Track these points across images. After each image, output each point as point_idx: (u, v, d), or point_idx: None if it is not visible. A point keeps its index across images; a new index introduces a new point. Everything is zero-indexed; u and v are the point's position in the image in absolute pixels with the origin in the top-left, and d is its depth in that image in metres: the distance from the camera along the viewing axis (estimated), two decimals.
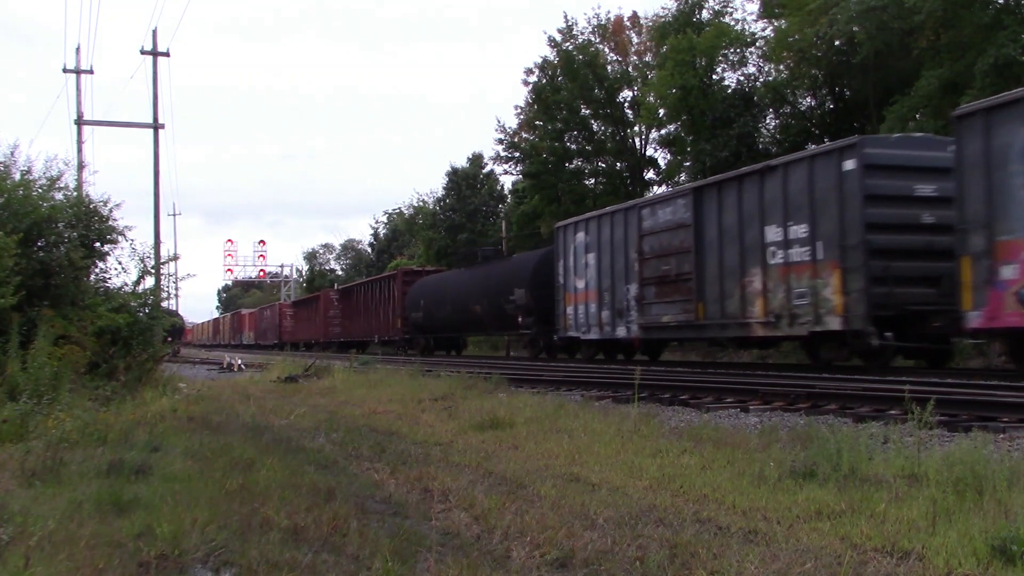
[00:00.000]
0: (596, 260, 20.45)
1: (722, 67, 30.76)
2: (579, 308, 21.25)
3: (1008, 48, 18.19)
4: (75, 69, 27.57)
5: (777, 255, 14.75)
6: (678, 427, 7.88)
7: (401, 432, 8.46)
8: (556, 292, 22.50)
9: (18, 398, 8.48)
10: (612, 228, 19.82)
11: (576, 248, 21.56)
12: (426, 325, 33.23)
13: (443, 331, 33.03)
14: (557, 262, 22.61)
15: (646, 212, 18.63)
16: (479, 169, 52.43)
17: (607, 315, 19.94)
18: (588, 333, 20.86)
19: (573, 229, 21.98)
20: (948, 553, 3.62)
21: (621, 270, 19.37)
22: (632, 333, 19.04)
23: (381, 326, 38.66)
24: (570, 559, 3.74)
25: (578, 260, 21.39)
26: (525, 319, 25.01)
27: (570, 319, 21.71)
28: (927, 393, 7.59)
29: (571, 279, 21.71)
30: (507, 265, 27.95)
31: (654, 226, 18.21)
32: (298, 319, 57.11)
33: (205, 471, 5.83)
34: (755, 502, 4.73)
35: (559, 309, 22.30)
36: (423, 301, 33.08)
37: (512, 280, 25.87)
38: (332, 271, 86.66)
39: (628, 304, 19.04)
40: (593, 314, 20.56)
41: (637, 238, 18.68)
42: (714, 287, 16.32)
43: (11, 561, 3.63)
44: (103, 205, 13.73)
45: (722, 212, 16.15)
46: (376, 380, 15.11)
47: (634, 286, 18.79)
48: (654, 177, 38.21)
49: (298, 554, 3.80)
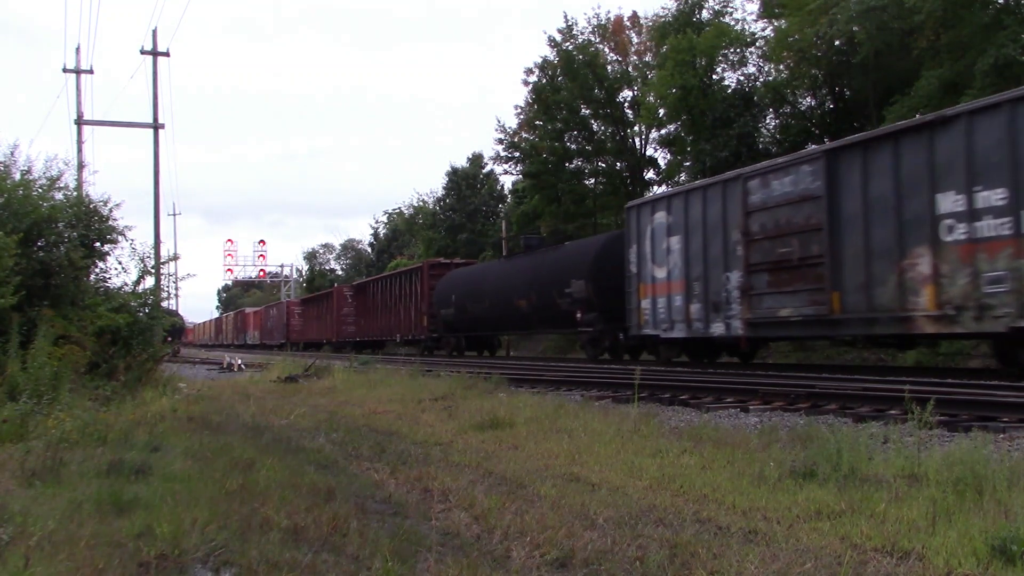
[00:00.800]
0: (682, 244, 17.35)
1: (722, 67, 30.80)
2: (658, 301, 18.16)
3: (1008, 48, 18.19)
4: (75, 69, 27.60)
5: (956, 230, 11.76)
6: (678, 427, 7.88)
7: (401, 432, 8.46)
8: (626, 283, 19.48)
9: (18, 398, 8.48)
10: (705, 205, 16.67)
11: (655, 231, 18.37)
12: (458, 323, 30.11)
13: (479, 329, 29.84)
14: (628, 248, 19.43)
15: (754, 184, 15.33)
16: (479, 169, 52.49)
17: (697, 309, 16.85)
18: (670, 331, 17.77)
19: (651, 209, 18.74)
20: (948, 553, 3.62)
21: (718, 255, 16.24)
22: (734, 331, 15.86)
23: (403, 324, 35.71)
24: (570, 559, 3.74)
25: (657, 245, 18.25)
26: (585, 315, 21.95)
27: (646, 314, 18.58)
28: (927, 393, 7.60)
29: (647, 267, 18.60)
30: (561, 254, 24.50)
31: (766, 200, 14.99)
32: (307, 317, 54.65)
33: (205, 471, 5.83)
34: (755, 502, 4.73)
35: (630, 303, 19.24)
36: (454, 296, 29.92)
37: (568, 270, 22.80)
38: (332, 271, 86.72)
39: (728, 296, 15.95)
40: (678, 308, 17.45)
41: (741, 216, 15.48)
42: (856, 272, 13.21)
43: (11, 561, 3.63)
44: (103, 205, 13.75)
45: (868, 179, 13.07)
46: (376, 380, 15.11)
47: (737, 274, 15.68)
48: (654, 177, 38.28)
49: (298, 554, 3.80)
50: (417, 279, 34.12)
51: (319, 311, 50.85)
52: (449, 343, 31.60)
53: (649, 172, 38.19)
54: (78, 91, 29.42)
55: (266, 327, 64.08)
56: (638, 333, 19.03)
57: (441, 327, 31.57)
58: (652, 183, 38.60)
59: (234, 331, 77.88)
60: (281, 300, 68.68)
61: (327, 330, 47.63)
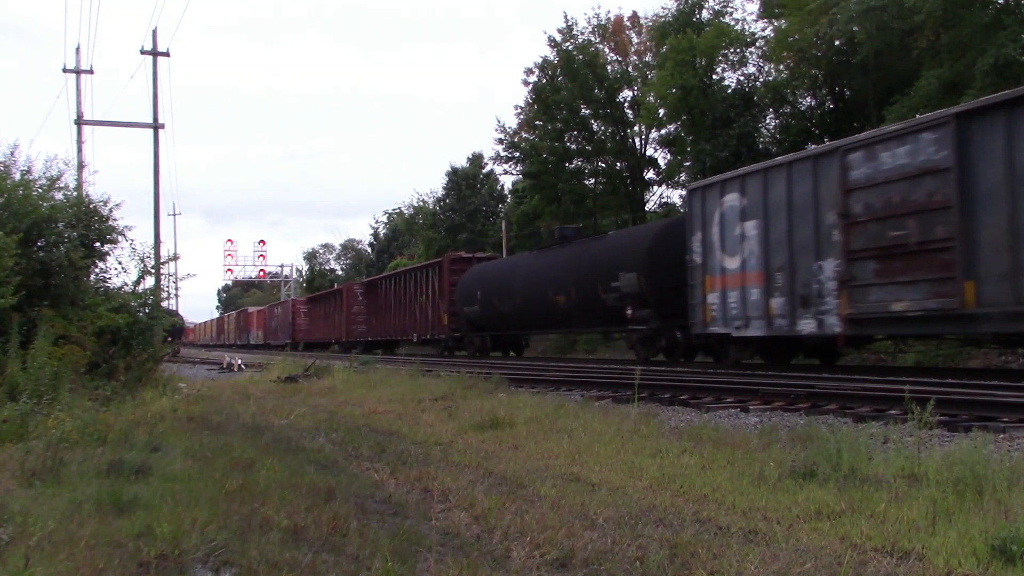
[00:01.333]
0: (760, 229, 15.29)
1: (722, 67, 30.80)
2: (729, 296, 16.12)
3: (1008, 48, 18.18)
4: (75, 69, 27.61)
5: None
6: (678, 427, 7.88)
7: (401, 432, 8.46)
8: (688, 275, 17.39)
9: (18, 398, 8.48)
10: (789, 184, 14.64)
11: (724, 215, 16.32)
12: (484, 321, 27.98)
13: (507, 328, 27.64)
14: (691, 235, 17.34)
15: (857, 157, 13.26)
16: (479, 169, 52.50)
17: (780, 303, 14.81)
18: (745, 328, 15.73)
19: (719, 190, 16.55)
20: (948, 553, 3.62)
21: (807, 241, 14.19)
22: (828, 328, 13.78)
23: (420, 323, 33.51)
24: (570, 559, 3.74)
25: (727, 231, 16.21)
26: (636, 311, 19.72)
27: (713, 311, 16.58)
28: (927, 393, 7.60)
29: (715, 257, 16.55)
30: (606, 245, 22.28)
31: (873, 175, 12.92)
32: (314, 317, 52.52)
33: (205, 471, 5.83)
34: (755, 502, 4.73)
35: (693, 298, 17.21)
36: (480, 292, 27.72)
37: (616, 262, 20.60)
38: (332, 271, 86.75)
39: (820, 288, 13.90)
40: (755, 302, 15.41)
41: (839, 194, 13.44)
42: (997, 259, 11.19)
43: (11, 561, 3.63)
44: (103, 205, 13.76)
45: (1014, 146, 11.04)
46: (376, 380, 15.11)
47: (832, 263, 13.63)
48: (654, 177, 38.30)
49: (298, 554, 3.80)
50: (436, 275, 31.99)
51: (327, 310, 48.89)
52: (473, 343, 29.32)
53: (649, 172, 38.24)
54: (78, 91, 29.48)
55: (270, 327, 62.36)
56: (703, 332, 16.97)
57: (464, 326, 29.49)
58: (652, 183, 38.67)
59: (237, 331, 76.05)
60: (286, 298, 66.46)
61: (336, 330, 45.75)
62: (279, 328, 58.85)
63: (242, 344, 71.12)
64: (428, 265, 34.25)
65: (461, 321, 29.52)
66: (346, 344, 42.92)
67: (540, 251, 26.73)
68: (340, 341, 44.46)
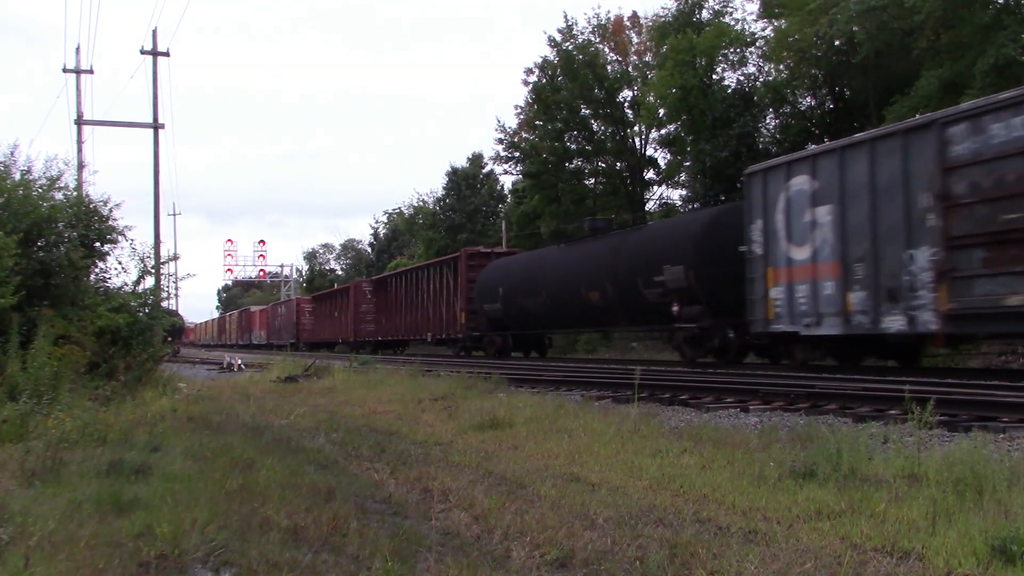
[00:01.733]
0: (836, 215, 13.79)
1: (722, 67, 30.83)
2: (796, 289, 14.63)
3: (1008, 48, 18.19)
4: (75, 69, 27.62)
5: None
6: (678, 427, 7.88)
7: (401, 432, 8.46)
8: (747, 268, 15.86)
9: (18, 398, 8.49)
10: (872, 164, 13.11)
11: (791, 200, 14.81)
12: (506, 320, 26.44)
13: (533, 327, 26.09)
14: (750, 224, 15.84)
15: (959, 131, 11.85)
16: (479, 169, 52.52)
17: (861, 298, 13.28)
18: (816, 326, 14.21)
19: (784, 173, 15.03)
20: (948, 553, 3.62)
21: (895, 227, 12.76)
22: (922, 325, 12.34)
23: (434, 322, 32.00)
24: (570, 559, 3.74)
25: (795, 218, 14.69)
26: (684, 308, 18.20)
27: (777, 306, 15.03)
28: (927, 393, 7.60)
29: (780, 247, 15.06)
30: (648, 235, 20.71)
31: (980, 151, 11.51)
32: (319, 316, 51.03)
33: (205, 471, 5.83)
34: (755, 502, 4.73)
35: (753, 292, 15.68)
36: (502, 289, 26.21)
37: (659, 255, 19.00)
38: (332, 271, 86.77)
39: (912, 280, 12.46)
40: (829, 298, 13.90)
41: (937, 173, 12.03)
42: None
43: (11, 561, 3.63)
44: (103, 205, 13.78)
45: None
46: (376, 380, 15.11)
47: (927, 251, 12.20)
48: (654, 177, 38.30)
49: (298, 554, 3.80)
50: (451, 271, 30.43)
51: (333, 309, 47.36)
52: (494, 343, 27.66)
53: (649, 172, 38.25)
54: (78, 91, 29.47)
55: (274, 326, 60.85)
56: (765, 330, 15.43)
57: (484, 325, 27.87)
58: (652, 183, 38.67)
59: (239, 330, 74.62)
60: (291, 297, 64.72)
61: (343, 329, 44.18)
62: (283, 328, 57.61)
63: (244, 344, 69.87)
64: (443, 261, 32.70)
65: (480, 320, 28.09)
66: (354, 344, 41.63)
67: (569, 244, 25.06)
68: (348, 341, 43.00)
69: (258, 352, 53.73)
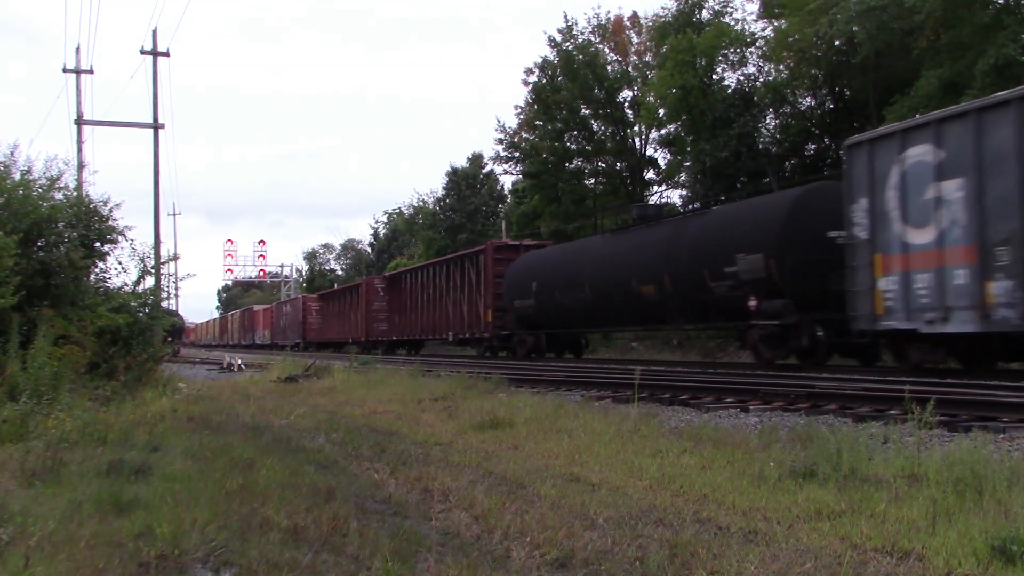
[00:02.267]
0: (969, 191, 11.79)
1: (722, 67, 30.85)
2: (914, 279, 12.58)
3: (1008, 48, 18.19)
4: (75, 69, 27.61)
5: None
6: (678, 427, 7.88)
7: (401, 432, 8.46)
8: (848, 254, 13.81)
9: (18, 398, 8.48)
10: (1021, 128, 11.18)
11: (907, 175, 12.77)
12: (540, 318, 24.42)
13: (572, 325, 23.85)
14: (851, 203, 13.76)
15: None
16: (479, 169, 52.53)
17: (1005, 288, 11.28)
18: (943, 322, 12.14)
19: (898, 143, 12.98)
20: (948, 553, 3.62)
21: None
22: None
23: (455, 321, 30.16)
24: (570, 559, 3.74)
25: (912, 195, 12.66)
26: (764, 302, 16.05)
27: (889, 299, 12.98)
28: (927, 393, 7.60)
29: (891, 230, 13.01)
30: (716, 221, 18.27)
31: None
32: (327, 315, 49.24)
33: (205, 471, 5.83)
34: (755, 502, 4.73)
35: (855, 283, 13.58)
36: (535, 284, 24.16)
37: (731, 242, 16.87)
38: (332, 271, 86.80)
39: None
40: (961, 288, 11.86)
41: None
42: None
43: (11, 561, 3.63)
44: (103, 205, 13.78)
45: None
46: (376, 380, 15.11)
47: None
48: (654, 177, 38.32)
49: (298, 554, 3.80)
50: (474, 266, 28.50)
51: (343, 307, 45.35)
52: (524, 343, 25.37)
53: (649, 172, 38.27)
54: (78, 91, 29.45)
55: (278, 326, 59.08)
56: (871, 327, 13.40)
57: (513, 323, 25.79)
58: (652, 183, 38.69)
59: (241, 330, 73.11)
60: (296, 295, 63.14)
61: (353, 328, 42.25)
62: (288, 327, 56.01)
63: (247, 344, 68.49)
64: (466, 255, 30.52)
65: (508, 318, 25.99)
66: (365, 344, 39.83)
67: (614, 233, 22.75)
68: (358, 341, 41.12)
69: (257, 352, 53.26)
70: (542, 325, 24.66)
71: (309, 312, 52.02)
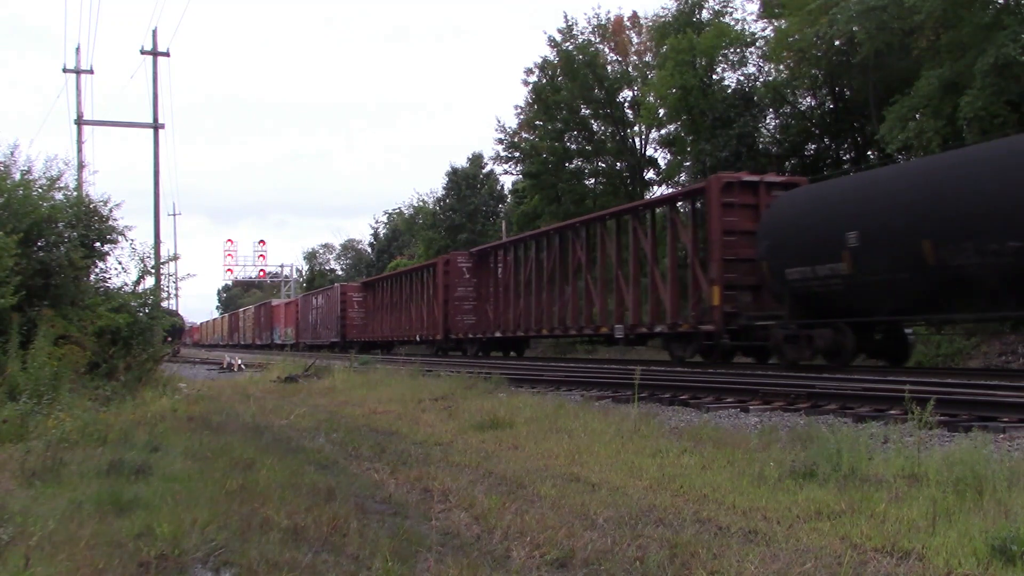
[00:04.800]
0: None
1: (722, 67, 30.85)
2: None
3: (1008, 48, 18.17)
4: (75, 69, 27.60)
5: None
6: (678, 427, 7.88)
7: (401, 432, 8.46)
8: None
9: (18, 398, 8.48)
10: None
11: None
12: (852, 294, 13.83)
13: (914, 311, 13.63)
14: None
15: None
16: (479, 169, 52.55)
17: None
18: None
19: None
20: (948, 553, 3.62)
21: None
22: None
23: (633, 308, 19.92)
24: (570, 559, 3.74)
25: None
26: None
27: None
28: (927, 393, 7.58)
29: None
30: None
31: None
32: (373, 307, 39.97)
33: (205, 471, 5.83)
34: (755, 502, 4.73)
35: None
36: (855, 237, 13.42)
37: None
38: (332, 271, 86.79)
39: None
40: None
41: None
42: None
43: (11, 561, 3.63)
44: (103, 205, 13.78)
45: None
46: (376, 380, 15.10)
47: None
48: (654, 177, 38.32)
49: (298, 554, 3.80)
50: (684, 216, 18.85)
51: (402, 296, 35.41)
52: (818, 340, 14.37)
53: (649, 172, 38.26)
54: (78, 91, 29.46)
55: (306, 322, 48.87)
56: None
57: (769, 305, 16.23)
58: (652, 183, 38.70)
59: (256, 328, 63.08)
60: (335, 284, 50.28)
61: (420, 323, 32.76)
62: (321, 323, 45.66)
63: (264, 344, 59.27)
64: (652, 202, 20.78)
65: (760, 298, 16.48)
66: (440, 344, 30.98)
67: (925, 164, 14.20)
68: (431, 339, 31.86)
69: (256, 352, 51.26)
70: (854, 309, 14.08)
71: (349, 304, 42.18)
